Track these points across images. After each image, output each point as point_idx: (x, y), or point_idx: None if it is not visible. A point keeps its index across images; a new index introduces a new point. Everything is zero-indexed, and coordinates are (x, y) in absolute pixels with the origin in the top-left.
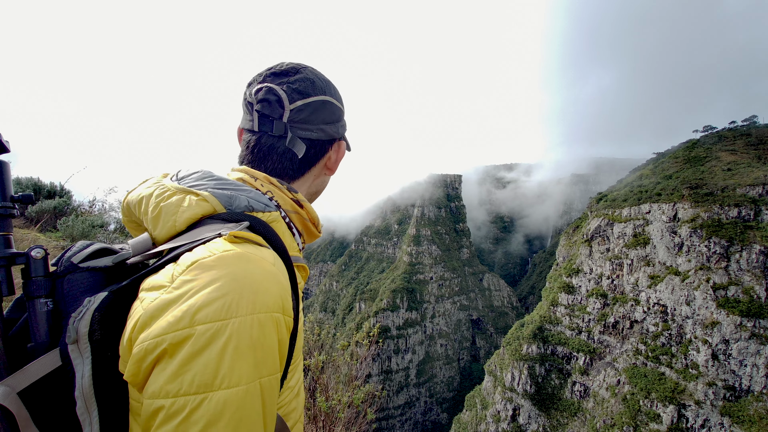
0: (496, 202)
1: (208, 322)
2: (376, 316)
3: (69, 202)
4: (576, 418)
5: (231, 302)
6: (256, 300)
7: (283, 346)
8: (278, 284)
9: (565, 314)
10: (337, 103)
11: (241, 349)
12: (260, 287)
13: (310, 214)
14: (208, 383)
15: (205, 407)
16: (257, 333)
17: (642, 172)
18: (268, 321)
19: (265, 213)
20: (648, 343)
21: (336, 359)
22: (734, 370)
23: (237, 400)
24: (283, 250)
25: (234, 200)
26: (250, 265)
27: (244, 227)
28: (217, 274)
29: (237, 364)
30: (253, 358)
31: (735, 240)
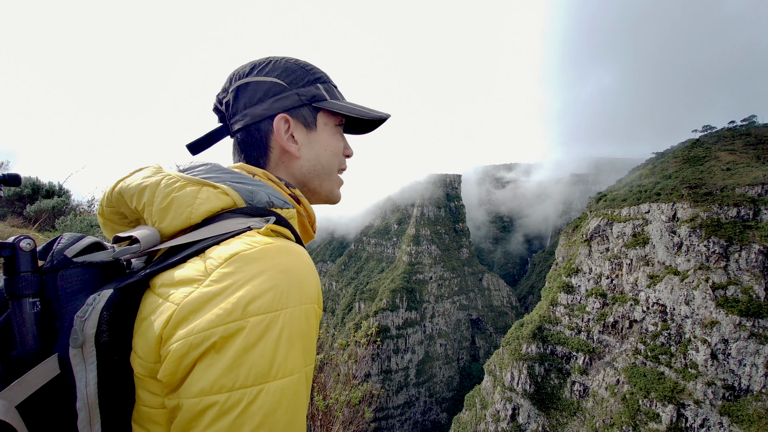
0: (495, 202)
1: (261, 313)
2: (376, 315)
3: (67, 201)
4: (575, 418)
5: (282, 293)
6: (302, 291)
7: (316, 337)
8: (315, 276)
9: (565, 314)
10: (262, 79)
11: (293, 339)
12: (305, 279)
13: (308, 210)
14: (264, 374)
15: (262, 398)
16: (305, 323)
17: (641, 171)
18: (312, 312)
19: (284, 209)
20: (647, 343)
21: (334, 358)
22: (733, 369)
23: (293, 388)
24: (305, 246)
25: (255, 195)
26: (294, 258)
27: (273, 221)
28: (264, 266)
29: (291, 353)
30: (302, 346)
31: (734, 240)
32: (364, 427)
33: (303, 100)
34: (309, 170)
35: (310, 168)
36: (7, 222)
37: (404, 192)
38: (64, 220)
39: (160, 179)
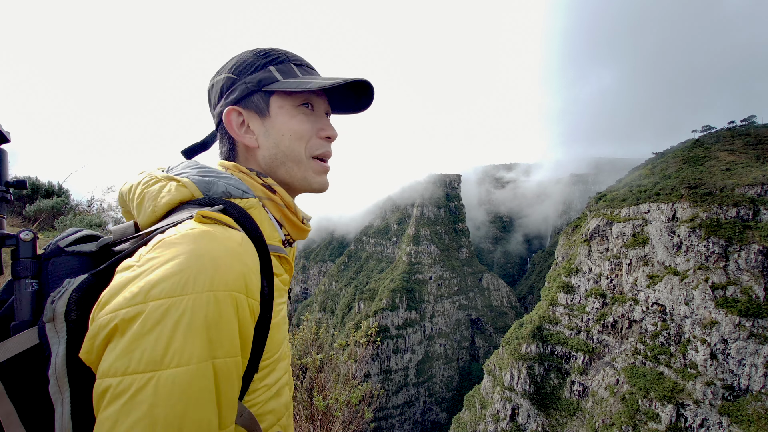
0: (495, 202)
1: (162, 297)
2: (375, 315)
3: (67, 201)
4: (575, 418)
5: (188, 278)
6: (215, 277)
7: (245, 330)
8: (242, 264)
9: (564, 314)
10: (219, 77)
11: (194, 327)
12: (221, 264)
13: (285, 199)
14: (156, 361)
15: (152, 386)
16: (213, 310)
17: (641, 171)
18: (227, 299)
19: (243, 199)
20: (647, 343)
21: (334, 358)
22: (733, 369)
23: (186, 380)
24: (257, 235)
25: (212, 186)
26: (213, 243)
27: (217, 209)
28: (179, 250)
29: (189, 341)
30: (206, 336)
31: (734, 240)
32: (364, 427)
33: (250, 87)
34: (271, 159)
35: (271, 156)
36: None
37: (404, 192)
38: (64, 220)
39: (142, 179)
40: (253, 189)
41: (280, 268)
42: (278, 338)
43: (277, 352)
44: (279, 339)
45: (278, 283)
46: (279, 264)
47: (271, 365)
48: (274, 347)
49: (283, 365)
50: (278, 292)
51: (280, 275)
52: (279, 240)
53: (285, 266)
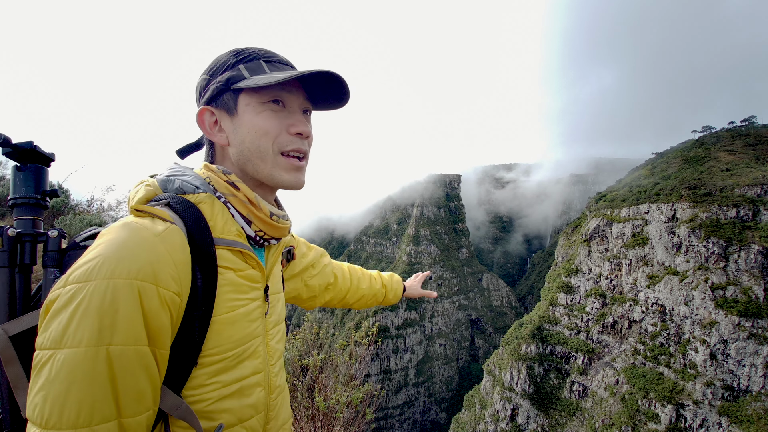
0: (495, 202)
1: (73, 283)
2: (375, 315)
3: (67, 200)
4: (574, 418)
5: (94, 266)
6: (117, 265)
7: (154, 319)
8: (151, 253)
9: (564, 314)
10: (198, 79)
11: (89, 312)
12: (126, 253)
13: (247, 194)
14: (57, 340)
15: (50, 363)
16: (109, 297)
17: (641, 172)
18: (125, 287)
19: (194, 195)
20: (646, 343)
21: (335, 359)
22: (732, 369)
23: (72, 361)
24: (197, 228)
25: (169, 183)
26: (127, 232)
27: (160, 204)
28: (100, 240)
29: (82, 325)
30: (98, 322)
31: (733, 240)
32: (365, 427)
33: (219, 86)
34: (238, 156)
35: (238, 153)
36: (6, 221)
37: (404, 192)
38: (63, 219)
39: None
40: (217, 186)
41: (239, 263)
42: (233, 335)
43: (232, 349)
44: (235, 336)
45: (234, 278)
46: (239, 259)
47: (226, 362)
48: (226, 344)
49: (251, 364)
50: (232, 287)
51: (241, 270)
52: (237, 234)
53: (251, 262)
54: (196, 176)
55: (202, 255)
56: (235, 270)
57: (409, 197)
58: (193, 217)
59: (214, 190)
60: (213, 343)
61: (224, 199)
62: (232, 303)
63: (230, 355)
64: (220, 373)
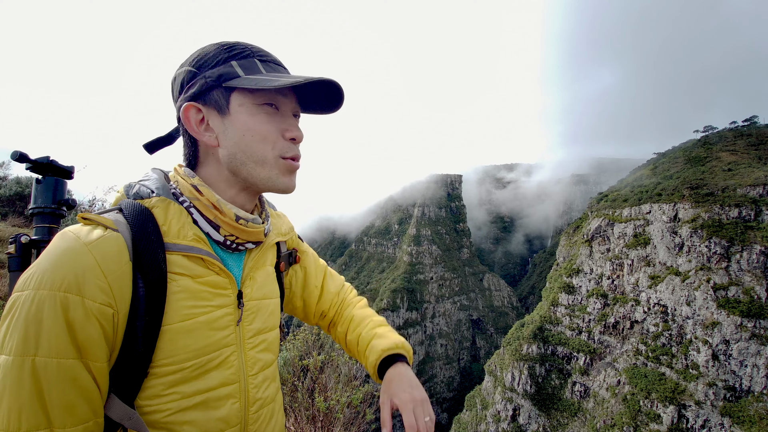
0: (496, 202)
1: (17, 291)
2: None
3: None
4: (576, 419)
5: (30, 275)
6: (43, 277)
7: (80, 331)
8: (76, 263)
9: (566, 314)
10: (180, 70)
11: (18, 321)
12: (51, 264)
13: (210, 198)
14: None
15: None
16: (34, 309)
17: (642, 172)
18: (48, 299)
19: (148, 199)
20: (648, 344)
21: (335, 359)
22: (734, 370)
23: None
24: (142, 234)
25: (130, 189)
26: (59, 242)
27: (110, 211)
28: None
29: (12, 334)
30: (23, 333)
31: (735, 240)
32: (365, 428)
33: (209, 82)
34: (230, 159)
35: (231, 156)
36: (8, 221)
37: (405, 192)
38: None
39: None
40: (183, 190)
41: (197, 269)
42: (190, 344)
43: (190, 359)
44: (193, 345)
45: (190, 285)
46: (197, 265)
47: (185, 372)
48: (182, 353)
49: (219, 375)
50: (188, 294)
51: (200, 276)
52: (195, 239)
53: (213, 267)
54: (156, 180)
55: (145, 262)
56: (193, 276)
57: (411, 197)
58: (140, 222)
59: (177, 194)
60: (166, 353)
61: (188, 203)
62: (189, 311)
63: (189, 366)
64: (179, 383)
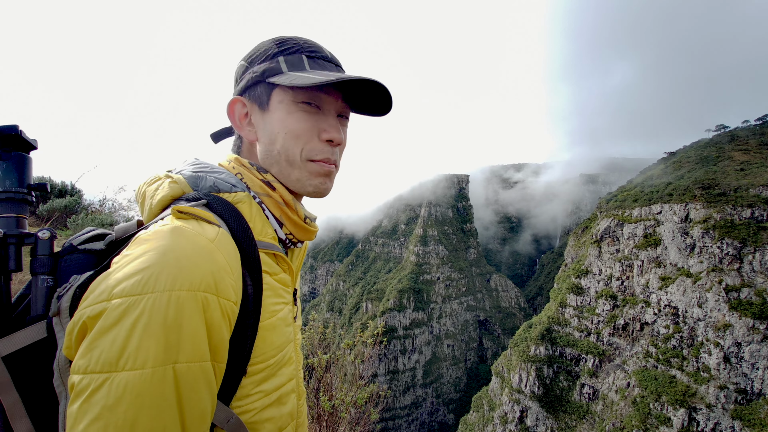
0: (503, 202)
1: (123, 296)
2: (383, 316)
3: (79, 200)
4: (585, 421)
5: (150, 276)
6: (178, 276)
7: (217, 332)
8: (211, 261)
9: (574, 315)
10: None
11: (151, 328)
12: (186, 262)
13: (284, 196)
14: (112, 362)
15: (106, 388)
16: (173, 312)
17: (653, 171)
18: (190, 300)
19: (230, 193)
20: (659, 346)
21: (341, 358)
22: (746, 373)
23: (139, 384)
24: (242, 231)
25: (201, 181)
26: (181, 239)
27: (199, 204)
28: (147, 247)
29: (144, 344)
30: (164, 339)
31: (748, 241)
32: (371, 427)
33: (255, 77)
34: (265, 155)
35: (266, 152)
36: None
37: (412, 192)
38: (76, 219)
39: (147, 178)
40: (251, 184)
41: (275, 266)
42: (275, 341)
43: (274, 356)
44: (276, 342)
45: (272, 282)
46: (274, 262)
47: (268, 370)
48: (270, 350)
49: (287, 371)
50: (272, 292)
51: (276, 274)
52: (273, 237)
53: (283, 265)
54: (228, 173)
55: (250, 260)
56: (272, 274)
57: (418, 197)
58: (237, 219)
59: (246, 188)
60: (259, 350)
61: (258, 199)
62: (273, 308)
63: (273, 363)
64: (263, 381)
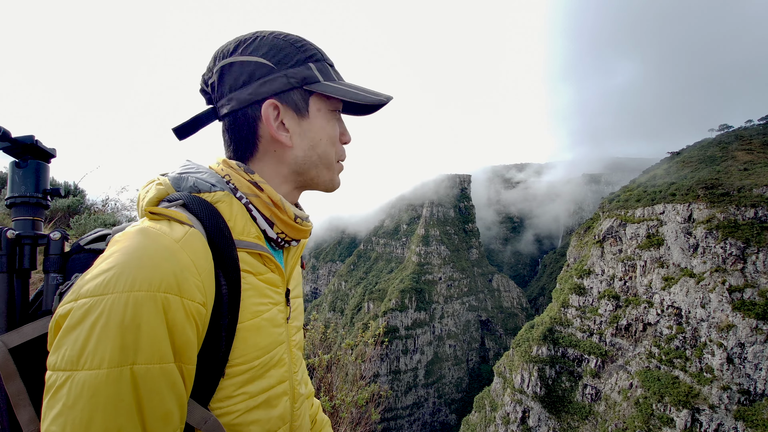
0: (505, 202)
1: (87, 296)
2: (385, 316)
3: (82, 201)
4: (587, 422)
5: (111, 277)
6: (137, 276)
7: (179, 333)
8: (173, 261)
9: (576, 316)
10: (246, 59)
11: (108, 329)
12: (146, 262)
13: (272, 196)
14: (74, 361)
15: (67, 386)
16: (131, 313)
17: (656, 171)
18: (148, 301)
19: (210, 193)
20: (661, 346)
21: (342, 358)
22: (749, 373)
23: (95, 385)
24: (217, 230)
25: (182, 181)
26: (145, 239)
27: (175, 205)
28: (115, 248)
29: (101, 344)
30: (120, 340)
31: (751, 241)
32: (372, 427)
33: (293, 83)
34: (304, 160)
35: (305, 158)
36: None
37: (414, 192)
38: (79, 219)
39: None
40: (239, 185)
41: (259, 266)
42: (258, 342)
43: (258, 357)
44: (261, 343)
45: (256, 282)
46: (259, 262)
47: (252, 372)
48: (252, 352)
49: (277, 373)
50: (255, 292)
51: (261, 274)
52: (256, 236)
53: (270, 265)
54: (211, 173)
55: (225, 259)
56: (255, 273)
57: (420, 197)
58: (213, 218)
59: (233, 189)
60: (239, 352)
61: (245, 199)
62: (257, 308)
63: (257, 364)
64: (247, 383)
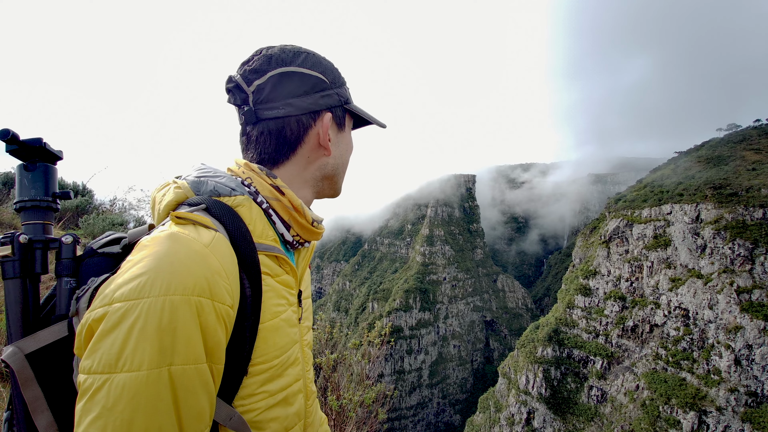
0: (510, 202)
1: (122, 300)
2: (389, 316)
3: (91, 201)
4: (593, 424)
5: (146, 281)
6: (172, 280)
7: (212, 335)
8: (205, 266)
9: (582, 317)
10: (309, 72)
11: (146, 332)
12: (180, 267)
13: (293, 201)
14: (111, 364)
15: (106, 389)
16: (168, 316)
17: (663, 171)
18: (183, 304)
19: (230, 197)
20: (668, 348)
21: (348, 358)
22: (757, 375)
23: (135, 386)
24: (240, 234)
25: (202, 185)
26: (176, 245)
27: (198, 210)
28: (145, 253)
29: (140, 347)
30: (159, 342)
31: (760, 242)
32: (378, 427)
33: (341, 100)
34: (335, 168)
35: (336, 165)
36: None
37: (419, 192)
38: (87, 219)
39: (159, 184)
40: (260, 188)
41: (276, 268)
42: (277, 342)
43: (278, 356)
44: (279, 343)
45: (274, 284)
46: (275, 264)
47: (273, 370)
48: (272, 351)
49: (294, 372)
50: (274, 293)
51: (278, 275)
52: (273, 239)
53: (285, 267)
54: (229, 177)
55: (248, 262)
56: (273, 275)
57: (425, 197)
58: (235, 222)
59: (254, 193)
60: (261, 351)
61: (266, 203)
62: (275, 309)
63: (276, 363)
64: (268, 381)
